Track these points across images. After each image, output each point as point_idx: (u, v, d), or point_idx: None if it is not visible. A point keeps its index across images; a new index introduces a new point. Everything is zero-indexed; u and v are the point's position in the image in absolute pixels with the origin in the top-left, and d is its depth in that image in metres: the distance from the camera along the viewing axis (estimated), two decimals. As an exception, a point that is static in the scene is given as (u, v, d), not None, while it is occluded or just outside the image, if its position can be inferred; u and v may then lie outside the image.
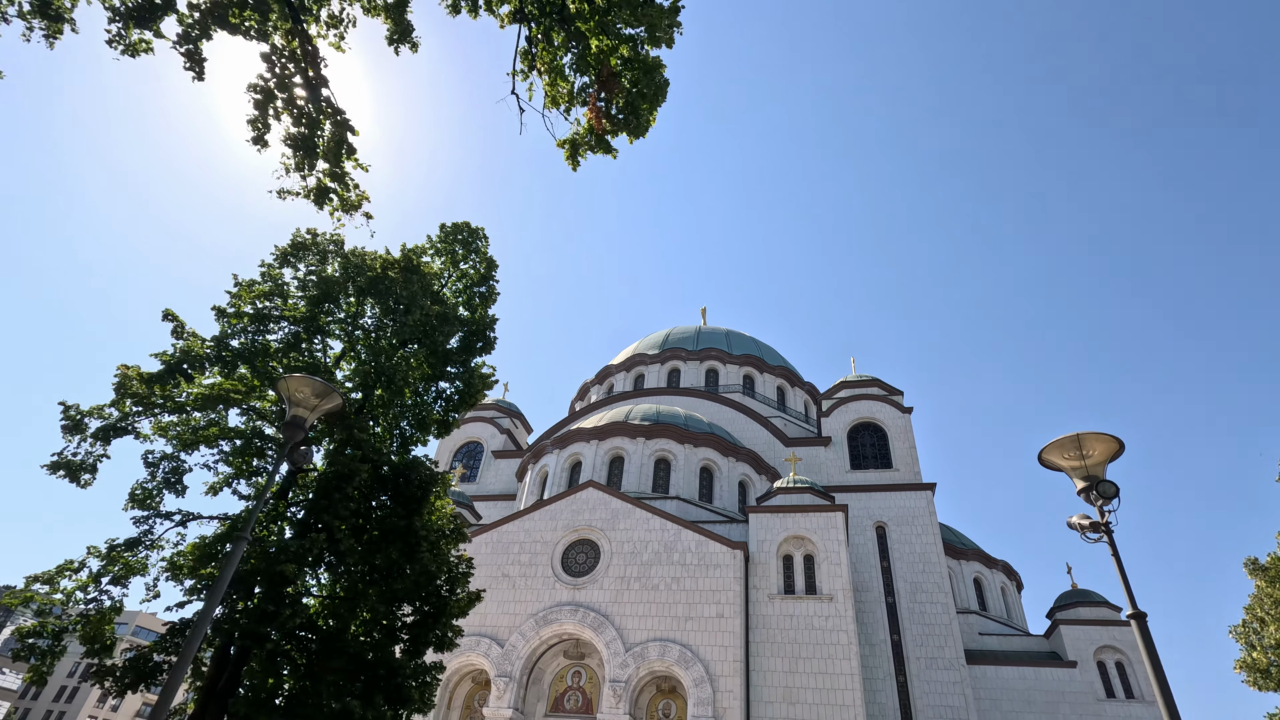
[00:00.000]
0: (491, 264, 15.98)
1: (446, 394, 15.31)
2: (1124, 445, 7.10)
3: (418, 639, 14.14)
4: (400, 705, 13.08)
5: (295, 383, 8.97)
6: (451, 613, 14.47)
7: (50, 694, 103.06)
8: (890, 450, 55.26)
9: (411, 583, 13.20)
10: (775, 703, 35.83)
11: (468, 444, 67.57)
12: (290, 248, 14.71)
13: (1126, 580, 6.46)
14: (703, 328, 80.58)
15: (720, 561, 40.28)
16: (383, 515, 13.09)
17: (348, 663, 12.67)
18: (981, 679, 46.07)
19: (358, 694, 12.27)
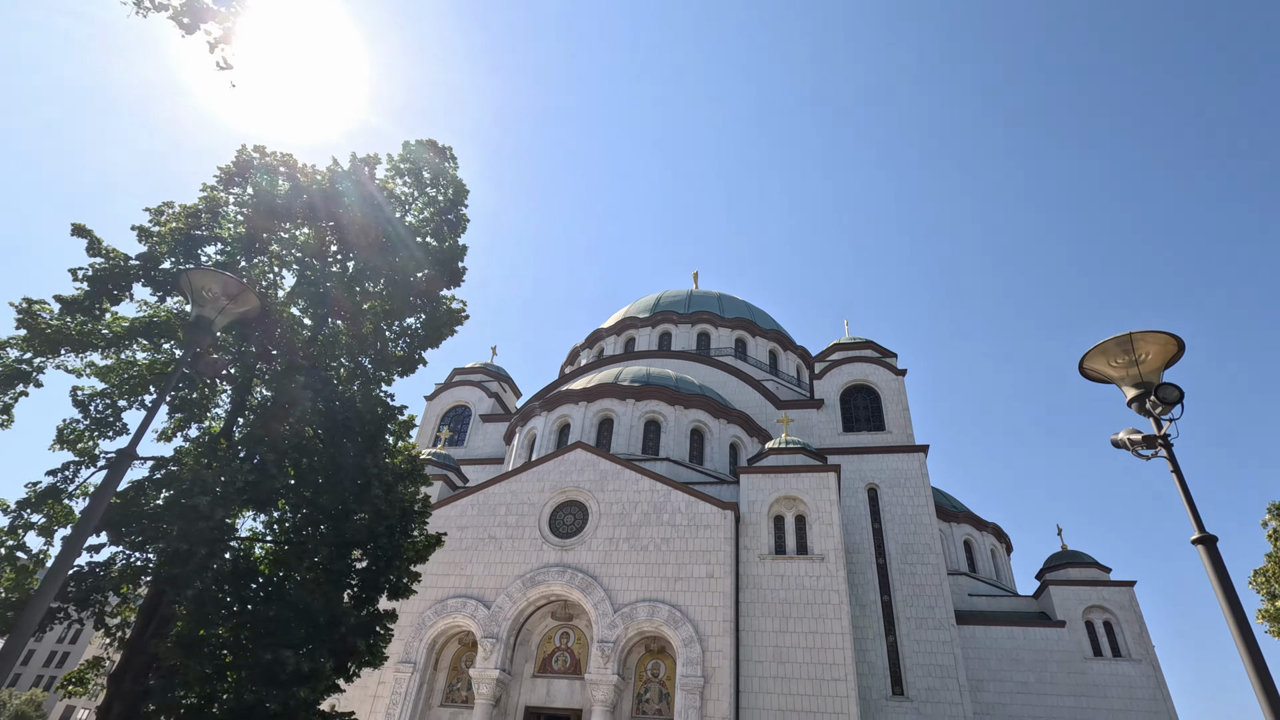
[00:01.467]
0: (461, 189, 14.52)
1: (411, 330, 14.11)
2: (1184, 345, 6.02)
3: (369, 586, 13.08)
4: (346, 657, 12.19)
5: (201, 277, 7.65)
6: (407, 557, 13.45)
7: (54, 635, 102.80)
8: (883, 412, 54.61)
9: (363, 526, 12.19)
10: (765, 662, 35.49)
11: (455, 408, 66.52)
12: (234, 166, 13.27)
13: (1191, 500, 5.45)
14: (695, 291, 79.33)
15: (711, 522, 39.63)
16: (331, 453, 12.00)
17: (287, 610, 11.78)
18: (970, 639, 46.14)
19: (295, 644, 11.35)
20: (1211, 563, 5.03)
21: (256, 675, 10.99)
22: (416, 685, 38.03)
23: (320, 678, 11.54)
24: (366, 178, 12.81)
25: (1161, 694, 43.51)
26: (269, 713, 10.83)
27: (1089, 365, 6.55)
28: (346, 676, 12.54)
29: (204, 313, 7.73)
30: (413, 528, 13.36)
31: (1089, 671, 44.79)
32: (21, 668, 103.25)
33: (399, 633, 39.65)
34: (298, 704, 11.13)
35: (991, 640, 46.79)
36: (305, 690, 11.14)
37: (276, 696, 10.79)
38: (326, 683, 11.84)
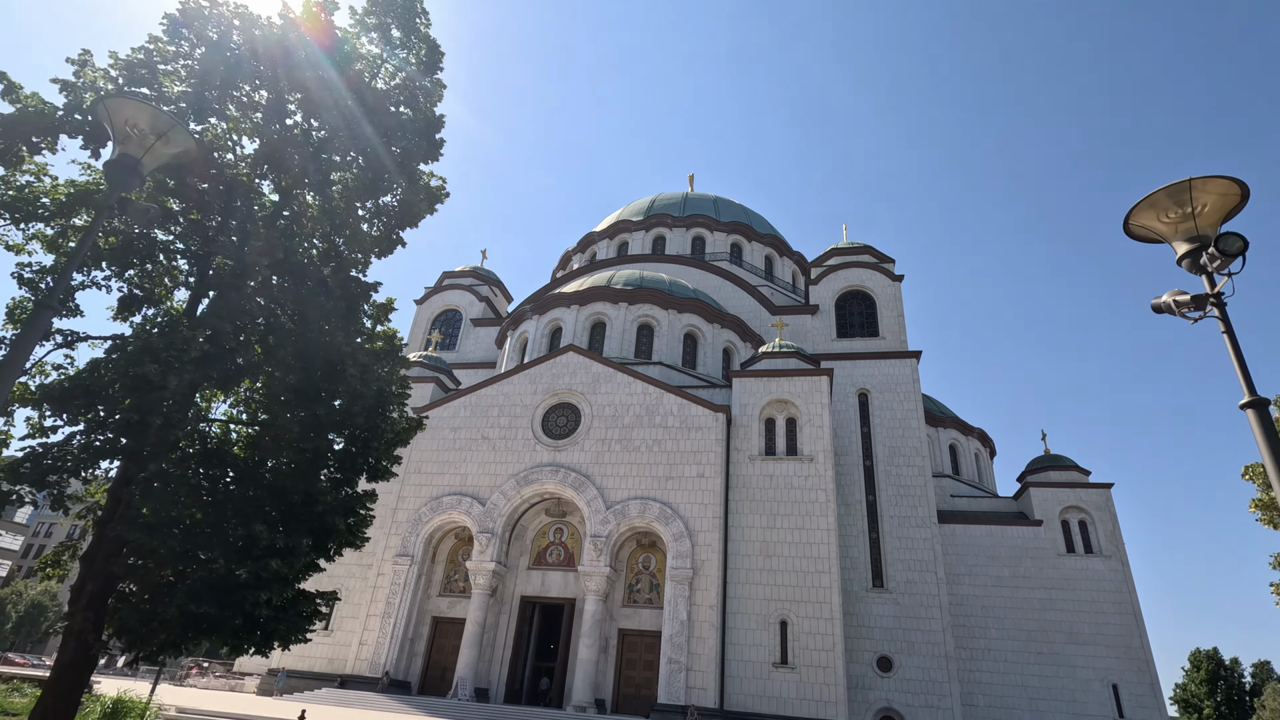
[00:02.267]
0: (435, 50, 12.95)
1: (387, 208, 13.10)
2: (1247, 192, 5.30)
3: (346, 467, 12.79)
4: (325, 536, 12.09)
5: (121, 107, 6.57)
6: (386, 439, 13.08)
7: (63, 531, 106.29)
8: (878, 318, 54.16)
9: (337, 406, 11.83)
10: (752, 555, 36.69)
11: (445, 312, 65.64)
12: (180, 15, 11.60)
13: (1243, 363, 4.95)
14: (690, 194, 76.84)
15: (702, 424, 39.91)
16: (301, 331, 11.35)
17: (262, 491, 11.58)
18: (950, 536, 47.85)
19: (270, 523, 11.20)
20: (1262, 427, 4.60)
21: (229, 551, 10.93)
22: (415, 576, 39.35)
23: (296, 554, 11.41)
24: (326, 27, 11.37)
25: (1127, 587, 45.66)
26: (240, 582, 10.76)
27: (1137, 221, 5.81)
28: (326, 555, 12.44)
29: (128, 150, 6.69)
30: (391, 409, 12.98)
31: (1061, 567, 46.79)
32: (35, 561, 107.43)
33: (396, 528, 40.65)
34: (271, 575, 10.96)
35: (970, 538, 48.56)
36: (277, 562, 10.96)
37: (248, 568, 10.74)
38: (304, 560, 11.74)
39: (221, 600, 10.55)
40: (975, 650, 44.81)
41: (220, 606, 10.50)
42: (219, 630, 10.82)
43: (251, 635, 11.49)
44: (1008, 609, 46.09)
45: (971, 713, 42.20)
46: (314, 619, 12.38)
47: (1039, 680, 43.52)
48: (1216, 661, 77.93)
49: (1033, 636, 44.96)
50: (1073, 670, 43.60)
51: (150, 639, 10.36)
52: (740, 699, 33.61)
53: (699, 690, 33.32)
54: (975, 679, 43.78)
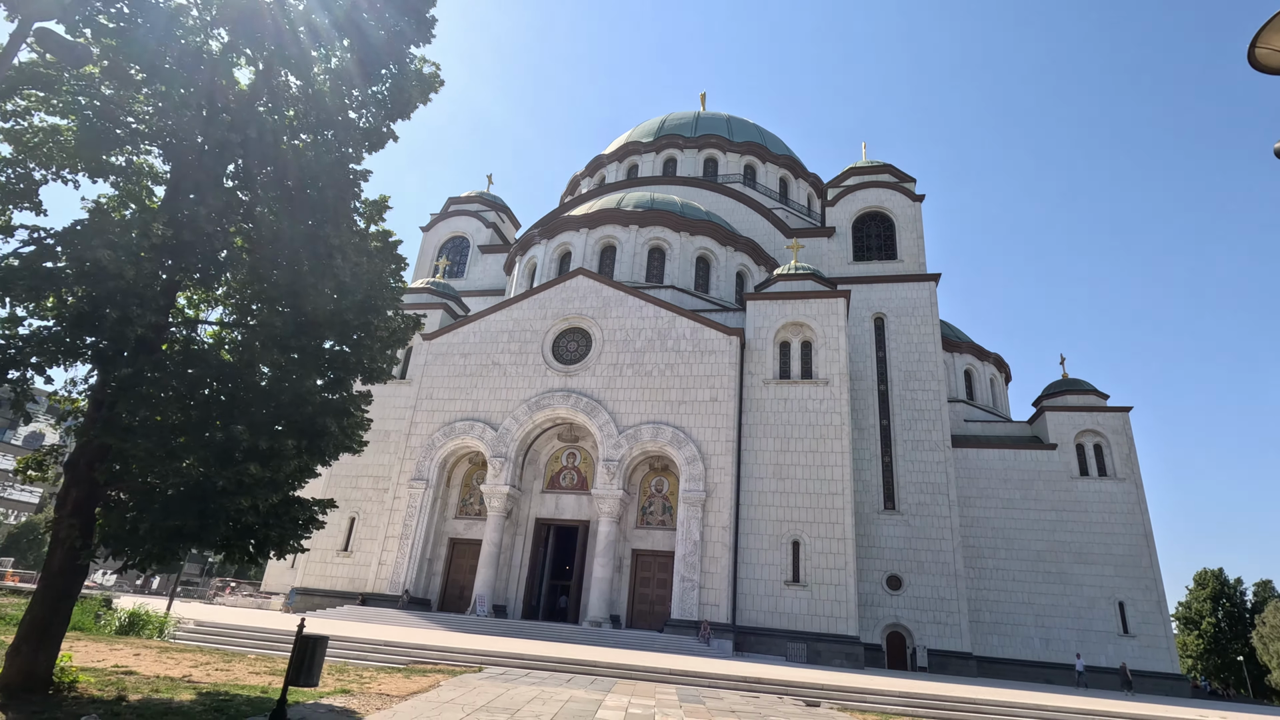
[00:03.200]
0: (422, -89, 11.72)
1: (377, 97, 11.99)
2: None
3: (338, 366, 12.08)
4: (316, 439, 11.57)
5: None
6: (380, 336, 12.27)
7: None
8: (896, 240, 52.43)
9: (325, 302, 10.97)
10: (765, 478, 36.71)
11: (452, 239, 64.37)
12: None
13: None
14: (702, 113, 73.61)
15: (716, 348, 39.24)
16: (285, 223, 10.52)
17: (249, 394, 11.07)
18: (963, 460, 47.76)
19: (255, 425, 10.74)
20: None
21: (208, 454, 10.40)
22: (430, 500, 39.86)
23: (282, 457, 10.82)
24: None
25: (1140, 509, 45.69)
26: (219, 489, 10.23)
27: (1264, 45, 4.85)
28: (320, 459, 11.92)
29: (44, -35, 5.85)
30: (385, 307, 12.14)
31: (1073, 489, 46.80)
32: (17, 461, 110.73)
33: (410, 453, 40.91)
34: (252, 481, 10.44)
35: (983, 461, 48.49)
36: (256, 466, 10.37)
37: (227, 474, 10.18)
38: (294, 463, 11.13)
39: (202, 509, 10.08)
40: (984, 570, 45.43)
41: (201, 516, 10.04)
42: (202, 540, 10.41)
43: (242, 544, 11.11)
44: (1018, 530, 46.43)
45: (978, 628, 43.11)
46: (310, 526, 11.95)
47: (1046, 598, 44.23)
48: (1221, 581, 79.46)
49: (1041, 556, 45.44)
50: (1080, 589, 44.23)
51: (136, 547, 10.00)
52: (752, 615, 34.29)
53: (711, 607, 33.98)
54: (983, 597, 44.54)
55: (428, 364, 43.22)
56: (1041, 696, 22.30)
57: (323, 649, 8.66)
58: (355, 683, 12.48)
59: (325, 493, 42.51)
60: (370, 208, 12.07)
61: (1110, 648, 42.81)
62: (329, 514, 42.11)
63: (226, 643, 17.61)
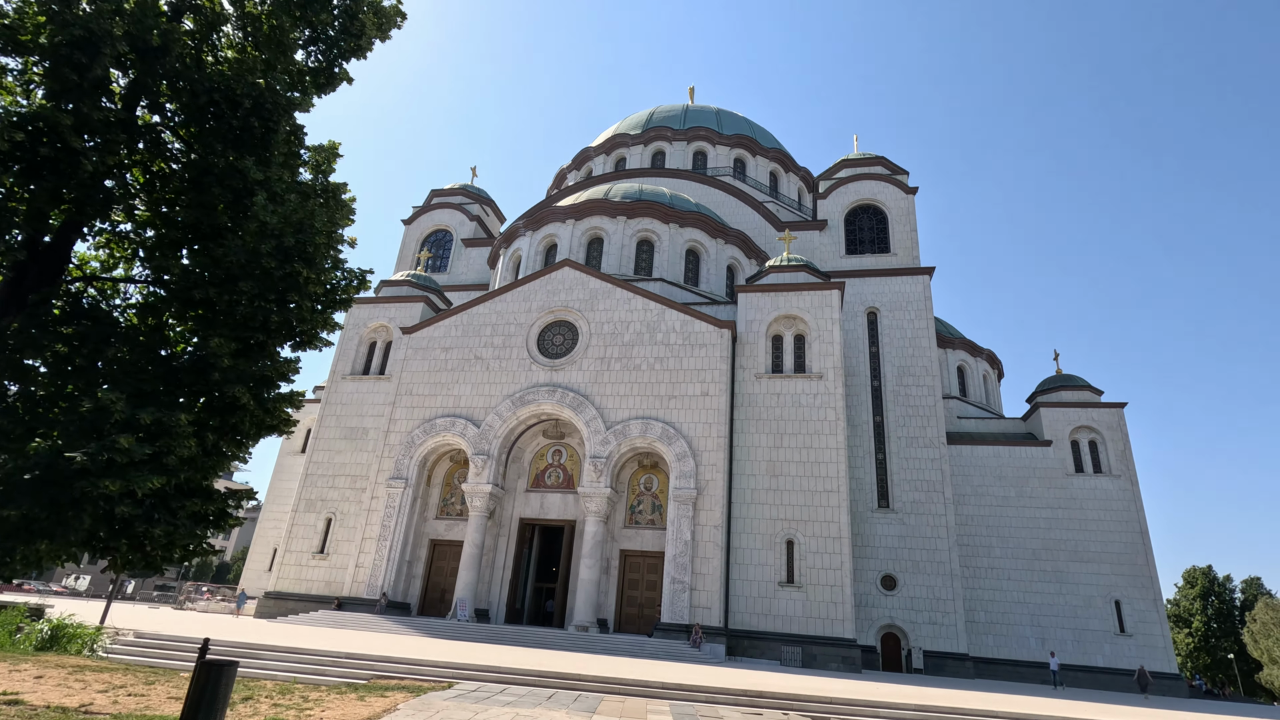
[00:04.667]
0: None
1: (324, 35, 10.39)
2: None
3: (257, 326, 9.88)
4: (225, 413, 9.74)
5: None
6: (314, 292, 10.20)
7: None
8: (889, 234, 51.47)
9: (241, 247, 9.19)
10: (758, 475, 35.46)
11: (435, 232, 62.67)
12: None
13: None
14: (691, 106, 72.45)
15: (706, 341, 37.95)
16: (200, 153, 8.89)
17: (140, 356, 9.40)
18: (957, 457, 46.85)
19: (136, 391, 9.03)
20: None
21: (73, 428, 8.60)
22: (410, 499, 38.23)
23: (173, 435, 8.90)
24: None
25: (1135, 506, 45.00)
26: (76, 469, 8.28)
27: None
28: (236, 441, 10.09)
29: None
30: (319, 255, 10.08)
31: (1069, 486, 46.04)
32: None
33: (389, 451, 39.27)
34: (125, 460, 8.45)
35: (977, 458, 47.63)
36: (129, 439, 8.38)
37: (88, 448, 8.31)
38: (191, 443, 9.12)
39: (54, 496, 8.15)
40: (979, 569, 44.53)
41: (53, 505, 8.14)
42: (56, 536, 8.39)
43: (113, 543, 8.99)
44: (1013, 528, 45.59)
45: (974, 628, 42.15)
46: (221, 524, 10.21)
47: (1041, 597, 43.39)
48: (1210, 578, 79.38)
49: (1037, 555, 44.61)
50: (1076, 587, 43.43)
51: None
52: (745, 618, 33.02)
53: (703, 609, 32.67)
54: (978, 596, 43.61)
55: (407, 359, 41.59)
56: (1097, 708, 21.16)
57: (230, 679, 7.17)
58: (295, 709, 10.69)
59: (301, 493, 40.76)
60: (318, 155, 10.51)
61: (1107, 647, 42.02)
62: (307, 515, 39.30)
63: (165, 658, 15.90)
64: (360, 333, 44.77)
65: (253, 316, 9.78)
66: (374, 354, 44.63)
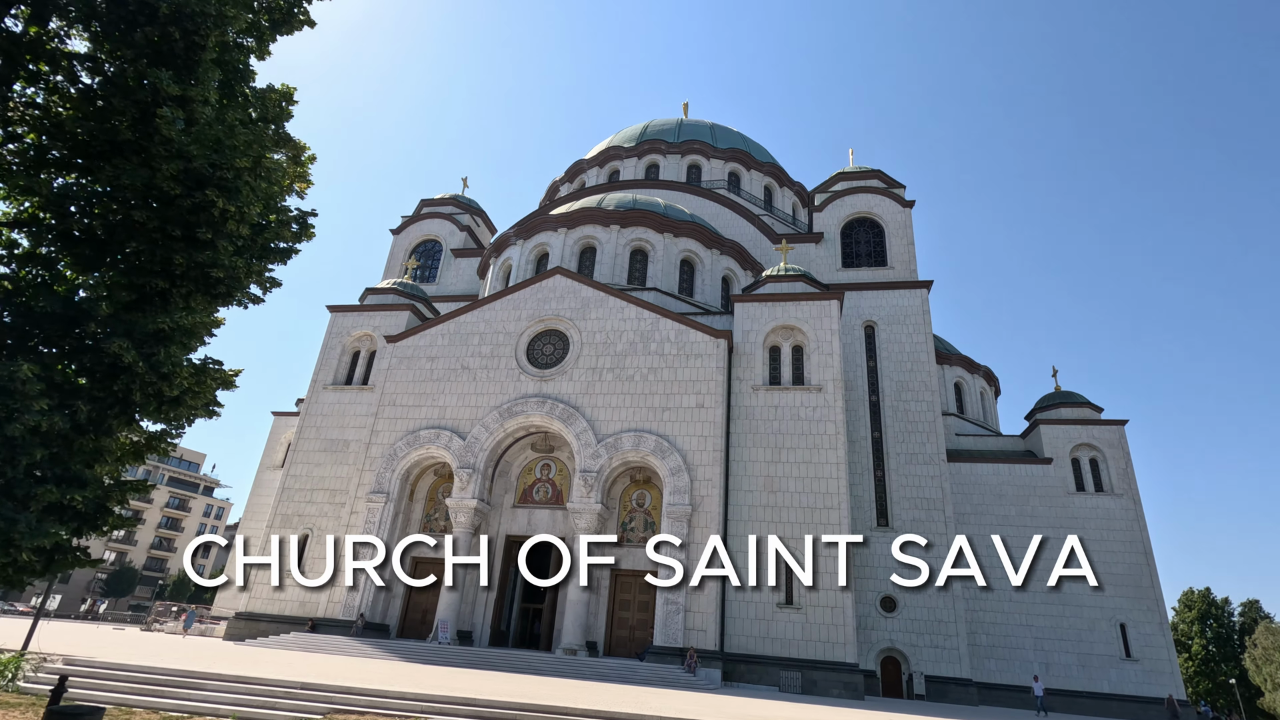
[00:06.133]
0: None
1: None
2: None
3: (154, 273, 8.00)
4: (105, 378, 7.65)
5: None
6: (234, 231, 8.19)
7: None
8: (886, 247, 50.74)
9: (140, 166, 7.49)
10: (756, 491, 34.05)
11: (424, 242, 61.44)
12: None
13: None
14: (685, 120, 72.09)
15: (702, 351, 36.73)
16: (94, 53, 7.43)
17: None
18: (956, 475, 45.64)
19: None
20: None
21: None
22: (391, 514, 36.50)
23: (10, 392, 7.08)
24: None
25: (1139, 525, 43.90)
26: None
27: None
28: (124, 413, 7.99)
29: None
30: (239, 183, 8.03)
31: (1070, 505, 44.92)
32: None
33: (370, 464, 37.59)
34: None
35: (976, 476, 46.46)
36: None
37: None
38: (30, 406, 7.17)
39: None
40: (980, 590, 43.13)
41: None
42: None
43: None
44: (1014, 548, 43.71)
45: (976, 652, 40.65)
46: (96, 521, 8.33)
47: (1045, 620, 42.01)
48: (1209, 601, 78.25)
49: (1039, 577, 43.26)
50: (1080, 610, 42.09)
51: None
52: (742, 641, 31.42)
53: (698, 632, 31.06)
54: (979, 619, 42.15)
55: (391, 368, 40.08)
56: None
57: None
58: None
59: (277, 507, 38.91)
60: (269, 97, 9.09)
61: (1113, 672, 40.61)
62: (283, 530, 37.01)
63: (93, 688, 14.17)
64: (343, 341, 43.24)
65: (150, 257, 8.07)
66: (357, 363, 43.07)
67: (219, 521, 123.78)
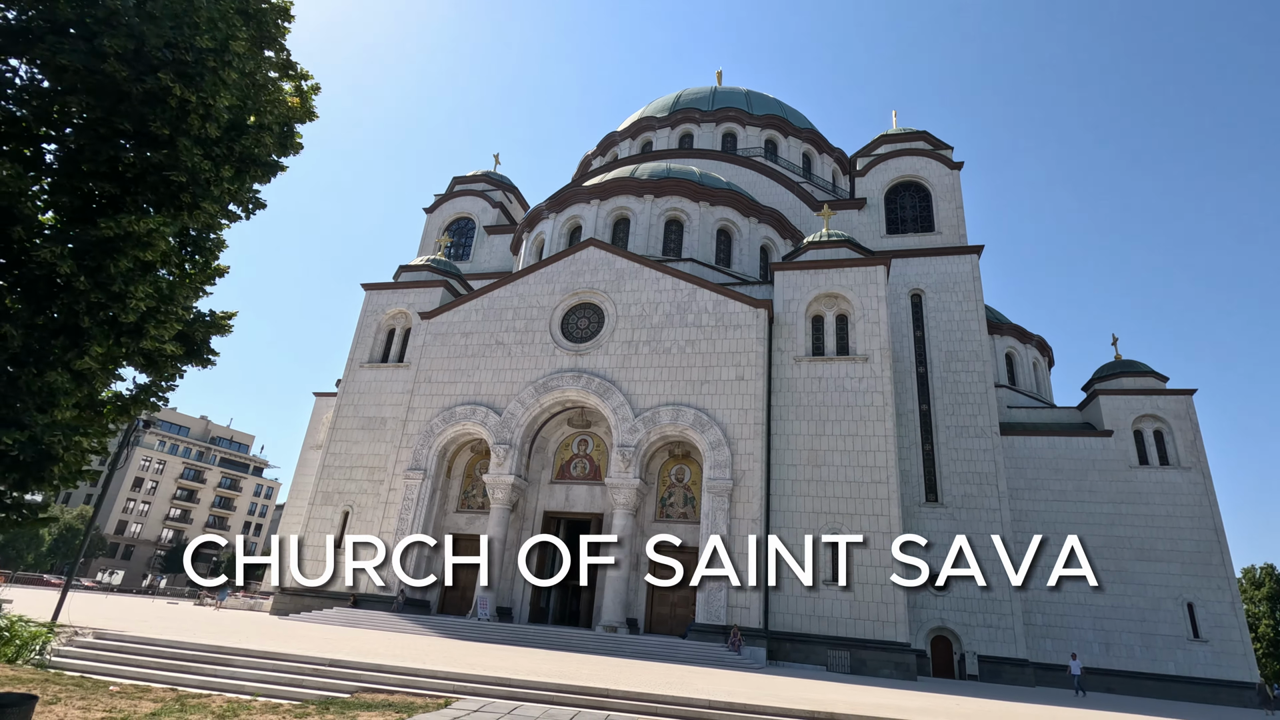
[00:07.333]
0: None
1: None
2: None
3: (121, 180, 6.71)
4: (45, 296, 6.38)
5: None
6: (195, 128, 6.97)
7: None
8: (933, 211, 48.37)
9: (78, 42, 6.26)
10: (799, 465, 32.86)
11: (457, 220, 61.02)
12: None
13: None
14: (719, 88, 69.86)
15: (741, 322, 35.45)
16: None
17: None
18: (1010, 448, 43.64)
19: None
20: None
21: None
22: (429, 491, 36.37)
23: None
24: None
25: (1209, 500, 41.42)
26: None
27: None
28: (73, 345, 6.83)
29: None
30: (202, 70, 6.77)
31: (1132, 480, 42.59)
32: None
33: (406, 441, 37.49)
34: None
35: (1030, 450, 44.37)
36: None
37: None
38: None
39: None
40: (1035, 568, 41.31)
41: None
42: None
43: None
44: (1072, 524, 42.15)
45: (1032, 631, 39.05)
46: (39, 474, 7.42)
47: (1105, 599, 40.01)
48: (1276, 578, 74.38)
49: (1099, 553, 41.11)
50: (1143, 589, 40.01)
51: None
52: (787, 619, 30.50)
53: (741, 609, 30.23)
54: (1035, 598, 40.38)
55: (426, 345, 39.79)
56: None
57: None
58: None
59: (318, 485, 39.16)
60: (267, 11, 8.01)
61: (1180, 653, 38.58)
62: (324, 508, 36.99)
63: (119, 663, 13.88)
64: (378, 319, 43.11)
65: (94, 155, 6.90)
66: (393, 341, 42.92)
67: (268, 501, 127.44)
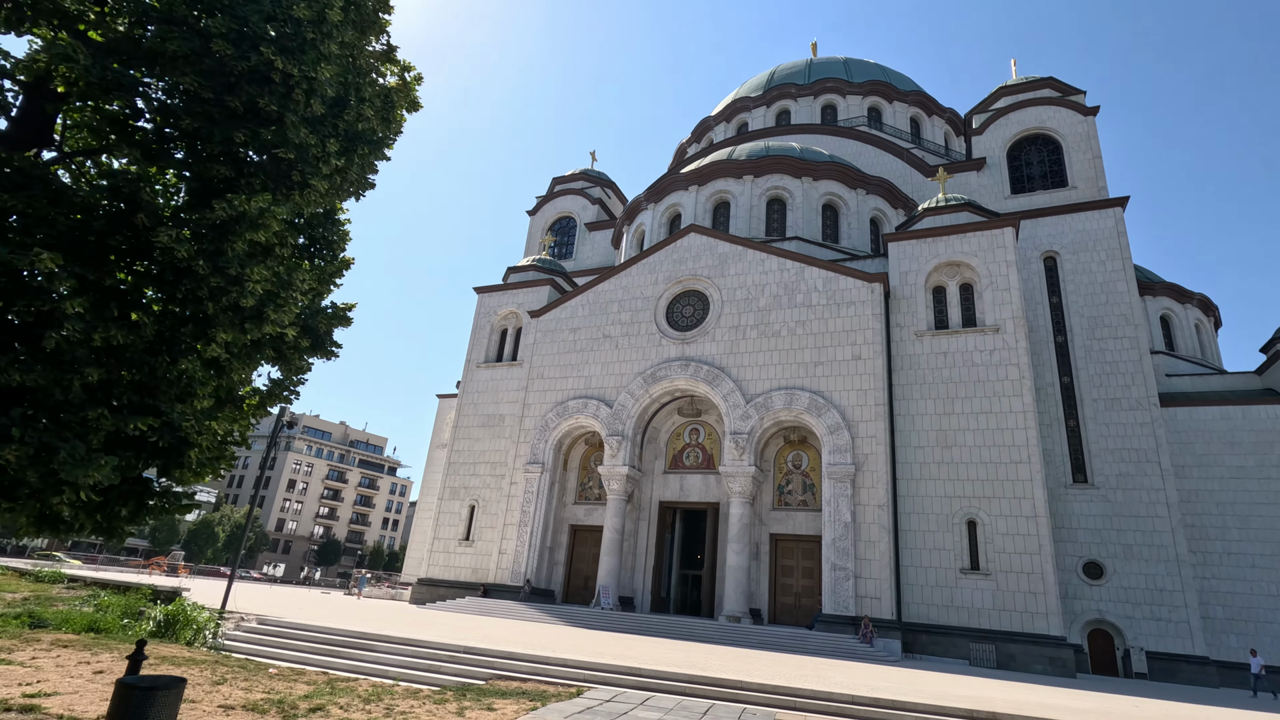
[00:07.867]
0: None
1: None
2: None
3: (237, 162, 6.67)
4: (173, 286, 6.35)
5: None
6: (301, 104, 6.99)
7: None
8: (1065, 165, 43.89)
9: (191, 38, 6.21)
10: (927, 447, 30.83)
11: (559, 220, 62.29)
12: None
13: None
14: (815, 59, 67.02)
15: (854, 298, 33.71)
16: None
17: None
18: (1171, 421, 38.93)
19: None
20: None
21: None
22: (548, 483, 37.33)
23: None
24: None
25: None
26: None
27: None
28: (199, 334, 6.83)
29: None
30: (305, 47, 6.76)
31: (1334, 454, 36.80)
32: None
33: (524, 435, 38.61)
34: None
35: (1197, 422, 39.33)
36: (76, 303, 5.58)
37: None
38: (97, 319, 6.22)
39: None
40: (1210, 555, 36.61)
41: None
42: None
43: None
44: (1254, 505, 37.07)
45: (1209, 625, 34.70)
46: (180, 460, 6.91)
47: (1301, 590, 34.92)
48: None
49: (1293, 538, 35.96)
50: (1356, 578, 34.54)
51: None
52: (922, 609, 28.73)
53: (870, 600, 28.78)
54: (1211, 588, 35.88)
55: (536, 342, 40.83)
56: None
57: (160, 708, 5.14)
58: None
59: (445, 481, 41.20)
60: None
61: (1403, 654, 33.00)
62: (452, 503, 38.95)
63: (280, 646, 14.98)
64: (491, 320, 44.74)
65: (209, 137, 6.94)
66: (505, 341, 44.43)
67: (402, 498, 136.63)
